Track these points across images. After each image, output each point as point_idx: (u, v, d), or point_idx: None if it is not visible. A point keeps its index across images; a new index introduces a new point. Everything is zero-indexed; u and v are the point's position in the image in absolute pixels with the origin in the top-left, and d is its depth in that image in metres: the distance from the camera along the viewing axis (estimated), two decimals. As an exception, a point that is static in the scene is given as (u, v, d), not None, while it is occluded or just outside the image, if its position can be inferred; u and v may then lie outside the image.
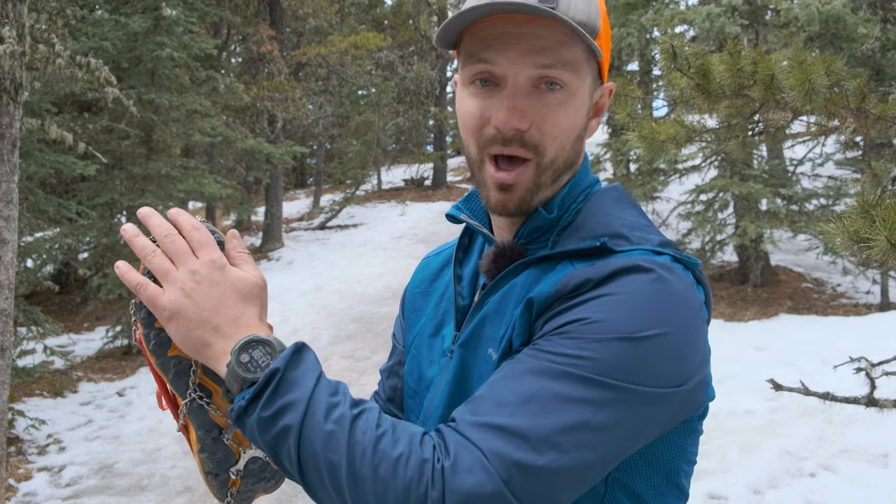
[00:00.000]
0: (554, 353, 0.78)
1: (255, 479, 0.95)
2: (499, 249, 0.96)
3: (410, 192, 19.48)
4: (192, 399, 0.91)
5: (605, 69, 0.96)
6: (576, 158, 0.95)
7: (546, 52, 0.86)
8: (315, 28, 17.27)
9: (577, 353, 0.77)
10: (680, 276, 0.84)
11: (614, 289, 0.81)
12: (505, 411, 0.75)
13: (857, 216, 1.77)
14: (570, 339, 0.79)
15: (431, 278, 1.15)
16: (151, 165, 9.16)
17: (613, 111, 3.05)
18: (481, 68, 0.89)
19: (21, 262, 8.57)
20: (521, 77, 0.87)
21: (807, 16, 7.30)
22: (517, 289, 0.92)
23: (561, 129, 0.90)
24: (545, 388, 0.76)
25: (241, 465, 0.93)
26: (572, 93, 0.89)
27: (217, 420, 0.92)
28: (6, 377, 4.35)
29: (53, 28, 6.36)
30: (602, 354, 0.77)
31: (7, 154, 4.32)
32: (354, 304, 9.64)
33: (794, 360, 6.03)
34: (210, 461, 0.92)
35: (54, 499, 5.17)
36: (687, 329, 0.82)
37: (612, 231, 0.90)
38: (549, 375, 0.77)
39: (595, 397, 0.75)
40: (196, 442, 0.92)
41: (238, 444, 0.93)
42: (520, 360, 0.81)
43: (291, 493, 4.77)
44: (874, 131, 2.57)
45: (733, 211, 9.47)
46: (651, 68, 11.31)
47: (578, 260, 0.88)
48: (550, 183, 0.93)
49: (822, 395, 2.60)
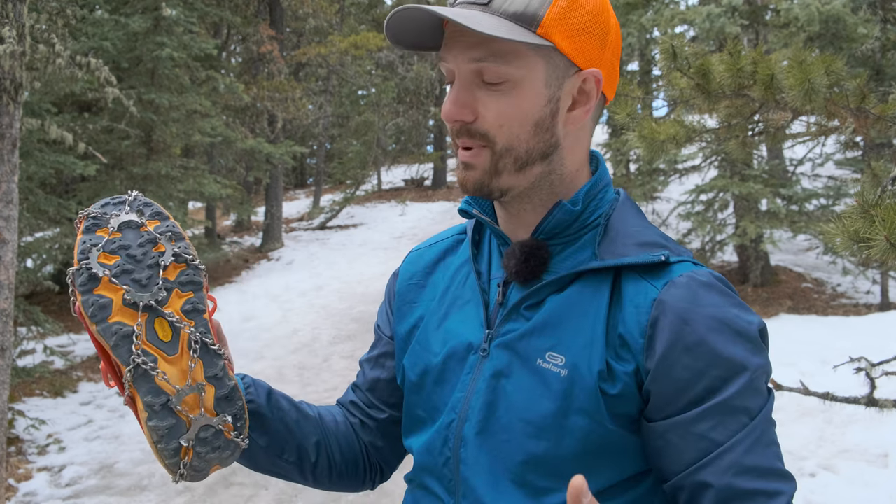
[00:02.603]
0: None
1: (210, 449, 0.91)
2: (527, 248, 0.96)
3: (410, 192, 19.48)
4: (137, 365, 0.88)
5: (583, 56, 0.92)
6: (547, 149, 0.94)
7: (477, 46, 0.89)
8: (315, 28, 17.27)
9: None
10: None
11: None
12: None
13: (857, 216, 1.77)
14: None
15: (426, 270, 1.14)
16: (151, 165, 9.16)
17: (613, 111, 3.04)
18: (444, 68, 0.95)
19: (21, 262, 8.57)
20: (464, 71, 0.91)
21: (807, 16, 7.30)
22: (579, 304, 0.92)
23: (505, 117, 0.90)
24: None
25: (193, 434, 0.90)
26: (516, 83, 0.90)
27: (164, 386, 0.88)
28: (6, 377, 4.35)
29: (53, 28, 6.36)
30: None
31: (7, 154, 4.32)
32: (355, 303, 9.64)
33: (794, 360, 6.03)
34: (159, 430, 0.88)
35: (54, 499, 5.17)
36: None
37: (655, 241, 0.94)
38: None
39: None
40: (143, 410, 0.88)
41: (188, 412, 0.90)
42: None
43: (291, 493, 4.77)
44: (874, 131, 2.57)
45: (733, 211, 9.47)
46: (651, 68, 11.31)
47: (642, 274, 0.91)
48: (514, 171, 0.93)
49: (822, 395, 2.60)
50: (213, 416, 0.92)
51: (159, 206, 0.99)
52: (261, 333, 8.71)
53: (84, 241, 0.92)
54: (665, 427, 0.87)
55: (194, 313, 0.94)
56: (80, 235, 0.93)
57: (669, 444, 0.87)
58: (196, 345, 0.92)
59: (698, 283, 0.88)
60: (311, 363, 7.60)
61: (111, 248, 0.92)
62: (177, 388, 0.89)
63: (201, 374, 0.92)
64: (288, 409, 1.09)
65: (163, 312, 0.91)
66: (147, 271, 0.92)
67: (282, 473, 1.11)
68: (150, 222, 0.97)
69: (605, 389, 0.88)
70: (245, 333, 8.69)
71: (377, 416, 1.18)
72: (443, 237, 1.17)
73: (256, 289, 10.76)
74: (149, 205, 0.98)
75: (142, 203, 0.98)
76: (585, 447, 0.89)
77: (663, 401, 0.87)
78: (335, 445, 1.14)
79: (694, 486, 0.85)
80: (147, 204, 0.98)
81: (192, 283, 0.95)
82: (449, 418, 0.99)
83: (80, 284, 0.89)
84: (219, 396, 0.93)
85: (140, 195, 0.99)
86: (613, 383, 0.88)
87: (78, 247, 0.92)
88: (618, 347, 0.89)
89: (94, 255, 0.91)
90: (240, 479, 5.11)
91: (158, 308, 0.91)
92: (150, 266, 0.93)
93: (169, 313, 0.92)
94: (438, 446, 1.00)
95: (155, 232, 0.96)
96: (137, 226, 0.96)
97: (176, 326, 0.92)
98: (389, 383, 1.17)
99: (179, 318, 0.92)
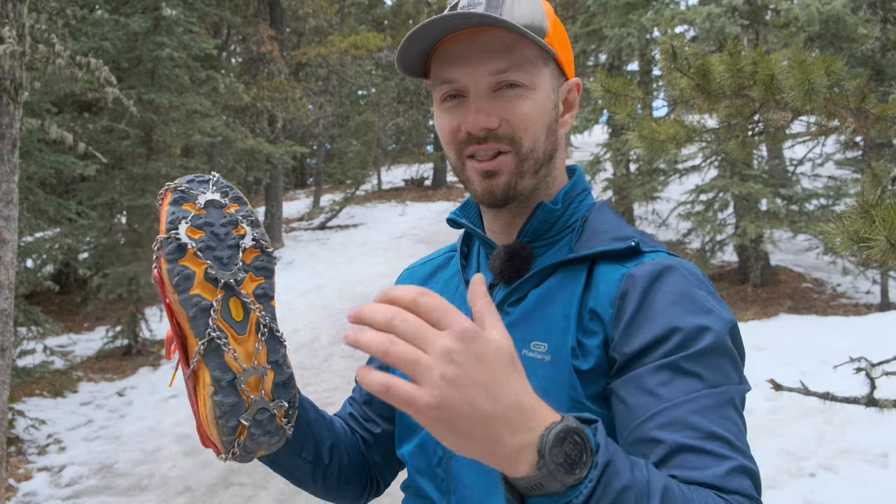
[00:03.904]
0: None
1: (262, 432, 0.93)
2: (511, 249, 1.00)
3: (410, 192, 19.48)
4: (212, 339, 0.89)
5: (568, 66, 1.02)
6: (552, 151, 1.00)
7: (498, 57, 0.94)
8: (315, 28, 17.26)
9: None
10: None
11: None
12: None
13: (857, 216, 1.77)
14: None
15: (419, 285, 1.16)
16: (151, 165, 9.15)
17: (613, 111, 3.04)
18: (447, 88, 0.97)
19: (21, 262, 8.57)
20: (482, 85, 0.95)
21: (807, 16, 7.30)
22: (557, 292, 0.96)
23: (530, 119, 0.96)
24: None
25: (251, 415, 0.92)
26: (532, 88, 0.96)
27: (231, 364, 0.91)
28: (6, 377, 4.35)
29: (53, 28, 6.36)
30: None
31: (7, 154, 4.32)
32: (355, 303, 9.64)
33: (794, 360, 6.04)
34: (222, 405, 0.90)
35: (54, 499, 5.17)
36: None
37: (629, 235, 0.97)
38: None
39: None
40: (210, 384, 0.90)
41: (250, 392, 0.92)
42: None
43: (291, 493, 4.77)
44: (874, 131, 2.57)
45: (733, 211, 9.46)
46: (651, 68, 11.30)
47: (614, 260, 0.95)
48: (533, 173, 0.98)
49: (822, 395, 2.60)
50: (270, 401, 0.94)
51: (239, 191, 1.01)
52: (261, 333, 8.70)
53: (173, 211, 0.93)
54: (618, 384, 0.88)
55: (264, 298, 0.96)
56: (168, 206, 0.94)
57: (621, 401, 0.87)
58: (264, 328, 0.95)
59: (668, 262, 0.93)
60: (311, 363, 7.60)
61: (197, 223, 0.94)
62: (243, 367, 0.92)
63: (265, 358, 0.94)
64: (309, 408, 1.11)
65: (238, 292, 0.93)
66: (228, 251, 0.95)
67: (295, 473, 1.12)
68: (232, 205, 0.99)
69: (578, 366, 0.90)
70: (245, 333, 8.68)
71: (373, 430, 1.19)
72: (434, 256, 1.23)
73: (256, 289, 10.74)
74: (230, 188, 1.00)
75: (224, 185, 1.00)
76: None
77: (622, 364, 0.89)
78: (345, 452, 1.16)
79: (638, 441, 0.83)
80: (229, 187, 1.00)
81: (266, 269, 0.98)
82: None
83: (168, 253, 0.90)
84: (277, 382, 0.95)
85: (221, 177, 1.01)
86: (586, 358, 0.91)
87: (166, 217, 0.93)
88: (588, 322, 0.92)
89: (183, 227, 0.92)
90: (240, 480, 5.12)
91: (235, 287, 0.93)
92: (230, 246, 0.95)
93: (244, 294, 0.94)
94: (431, 446, 1.02)
95: (237, 215, 0.98)
96: (221, 206, 0.97)
97: (248, 308, 0.94)
98: None
99: (252, 301, 0.95)
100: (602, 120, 10.39)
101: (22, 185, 7.20)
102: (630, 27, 9.14)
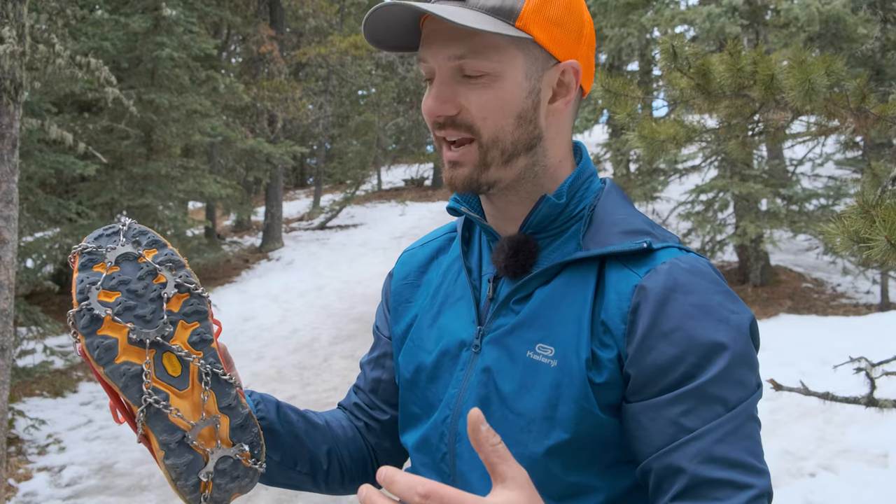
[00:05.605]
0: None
1: (229, 479, 0.89)
2: (515, 243, 0.96)
3: (410, 192, 19.48)
4: (149, 404, 0.85)
5: (560, 47, 0.93)
6: (530, 140, 0.94)
7: (457, 42, 0.89)
8: (315, 28, 17.25)
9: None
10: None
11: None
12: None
13: (857, 216, 1.77)
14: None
15: (420, 269, 1.15)
16: (151, 165, 9.16)
17: (613, 111, 3.04)
18: (422, 67, 0.95)
19: (21, 262, 8.57)
20: (444, 68, 0.92)
21: (807, 16, 7.30)
22: (566, 294, 0.93)
23: (489, 109, 0.91)
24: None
25: (211, 467, 0.88)
26: (496, 76, 0.90)
27: (178, 423, 0.86)
28: (6, 377, 4.35)
29: (53, 28, 6.36)
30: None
31: (7, 154, 4.32)
32: (355, 303, 9.64)
33: (794, 360, 6.03)
34: (177, 467, 0.86)
35: (54, 499, 5.17)
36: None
37: (640, 229, 0.94)
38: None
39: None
40: (159, 449, 0.86)
41: (205, 446, 0.88)
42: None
43: (291, 493, 4.77)
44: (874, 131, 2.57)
45: (733, 211, 9.46)
46: (651, 68, 11.31)
47: (625, 262, 0.92)
48: (501, 164, 0.94)
49: (822, 395, 2.60)
50: (229, 447, 0.90)
51: (155, 234, 0.95)
52: (261, 333, 8.71)
53: (81, 279, 0.88)
54: (638, 409, 0.87)
55: (202, 344, 0.91)
56: (77, 273, 0.89)
57: (640, 427, 0.87)
58: (207, 377, 0.90)
59: (681, 269, 0.89)
60: (311, 363, 7.60)
61: (110, 284, 0.88)
62: (191, 423, 0.87)
63: (214, 406, 0.90)
64: (297, 421, 1.09)
65: (170, 347, 0.88)
66: (150, 305, 0.89)
67: (295, 484, 1.11)
68: (148, 252, 0.93)
69: (592, 378, 0.89)
70: (245, 333, 8.70)
71: (380, 417, 1.18)
72: (435, 236, 1.19)
73: (256, 289, 10.76)
74: (144, 233, 0.94)
75: (137, 231, 0.94)
76: (577, 436, 0.89)
77: (639, 384, 0.87)
78: (345, 451, 1.15)
79: (661, 470, 0.84)
80: (143, 232, 0.94)
81: (197, 312, 0.92)
82: (444, 414, 1.00)
83: (83, 327, 0.85)
84: (234, 426, 0.91)
85: (134, 223, 0.95)
86: (599, 371, 0.89)
87: (76, 286, 0.88)
88: (601, 335, 0.90)
89: (94, 294, 0.87)
90: (240, 479, 5.12)
91: (165, 343, 0.88)
92: (152, 300, 0.89)
93: (177, 347, 0.89)
94: (435, 442, 1.01)
95: (154, 262, 0.92)
96: (135, 257, 0.92)
97: (185, 360, 0.89)
98: (391, 384, 1.17)
99: (188, 352, 0.90)
100: (602, 120, 10.39)
101: (22, 185, 7.21)
102: (630, 27, 9.14)
